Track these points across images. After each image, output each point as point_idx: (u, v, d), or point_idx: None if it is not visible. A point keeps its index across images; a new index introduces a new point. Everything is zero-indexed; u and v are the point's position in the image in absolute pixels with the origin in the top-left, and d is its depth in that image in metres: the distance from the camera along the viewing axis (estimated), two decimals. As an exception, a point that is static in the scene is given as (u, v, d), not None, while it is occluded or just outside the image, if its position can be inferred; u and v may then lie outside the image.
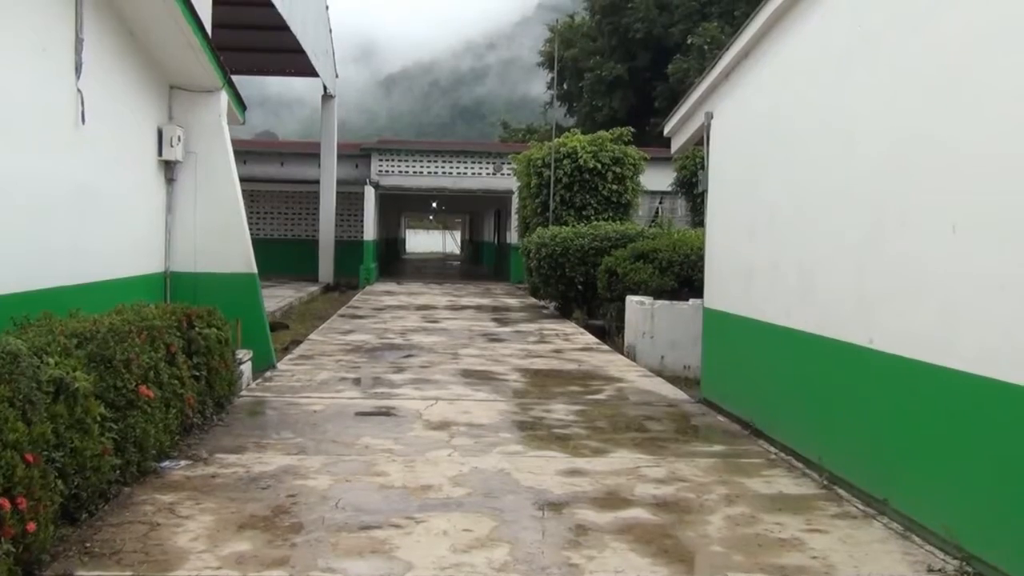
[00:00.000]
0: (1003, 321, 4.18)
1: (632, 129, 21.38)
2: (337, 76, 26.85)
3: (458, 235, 77.47)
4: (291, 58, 22.54)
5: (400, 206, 48.37)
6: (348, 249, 27.93)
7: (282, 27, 18.57)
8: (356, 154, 28.87)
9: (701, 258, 9.83)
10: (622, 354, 12.06)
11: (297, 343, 12.56)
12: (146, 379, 5.63)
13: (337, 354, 11.55)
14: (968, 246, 4.48)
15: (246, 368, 8.88)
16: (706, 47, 35.54)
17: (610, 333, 14.00)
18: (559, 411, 8.15)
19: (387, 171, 28.50)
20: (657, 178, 24.39)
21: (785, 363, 6.82)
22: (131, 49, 8.37)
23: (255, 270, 9.91)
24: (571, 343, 13.46)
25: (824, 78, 6.27)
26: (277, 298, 18.87)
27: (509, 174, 26.84)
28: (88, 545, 4.39)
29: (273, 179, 28.59)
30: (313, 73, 23.82)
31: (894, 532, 4.93)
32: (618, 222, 18.64)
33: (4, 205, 6.10)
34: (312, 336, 13.50)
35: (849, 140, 5.83)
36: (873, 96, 5.55)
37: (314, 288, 23.17)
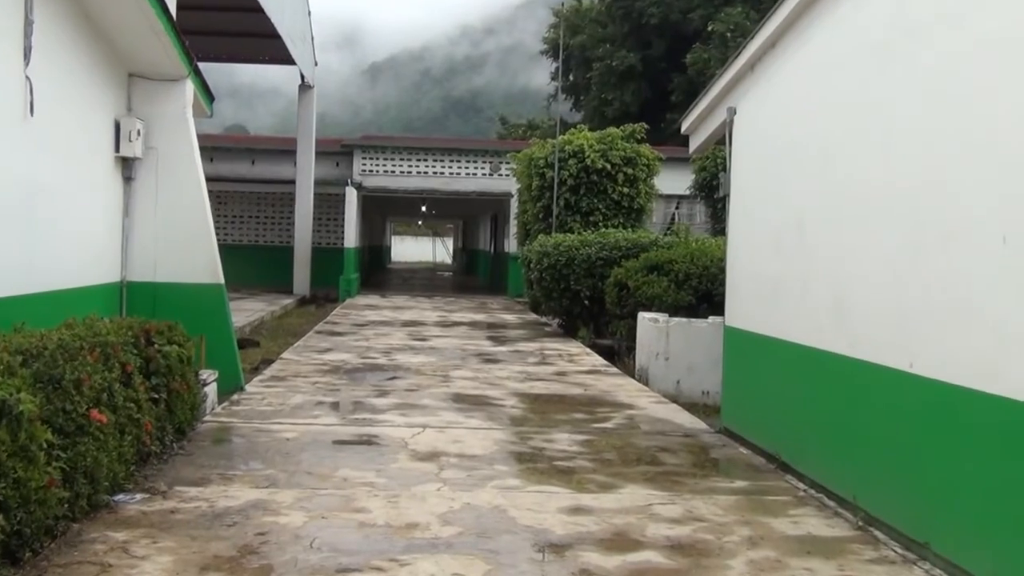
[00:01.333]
0: (1059, 344, 4.19)
1: (646, 126, 21.43)
2: (316, 64, 26.93)
3: (450, 243, 77.49)
4: (265, 43, 22.62)
5: (385, 210, 48.49)
6: (327, 257, 27.96)
7: (255, 8, 18.64)
8: (337, 151, 28.93)
9: (722, 270, 9.85)
10: (633, 377, 12.06)
11: (268, 362, 12.55)
12: (98, 402, 5.63)
13: (313, 375, 11.54)
14: (1021, 259, 4.50)
15: (211, 390, 8.87)
16: (729, 35, 35.73)
17: (620, 354, 14.01)
18: (562, 441, 8.14)
19: (371, 170, 28.56)
20: (673, 180, 24.45)
21: (815, 389, 6.83)
22: (86, 33, 8.41)
23: (222, 280, 9.91)
24: (576, 365, 13.47)
25: (860, 72, 6.30)
26: (247, 312, 18.86)
27: (508, 175, 26.89)
28: (31, 588, 4.38)
29: (243, 178, 28.65)
30: (289, 61, 23.90)
31: (937, 580, 4.93)
32: (629, 229, 18.68)
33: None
34: (285, 355, 13.49)
35: (887, 141, 5.85)
36: (914, 94, 5.57)
37: (288, 301, 23.16)
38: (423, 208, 40.19)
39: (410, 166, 28.76)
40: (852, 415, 6.21)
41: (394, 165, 28.69)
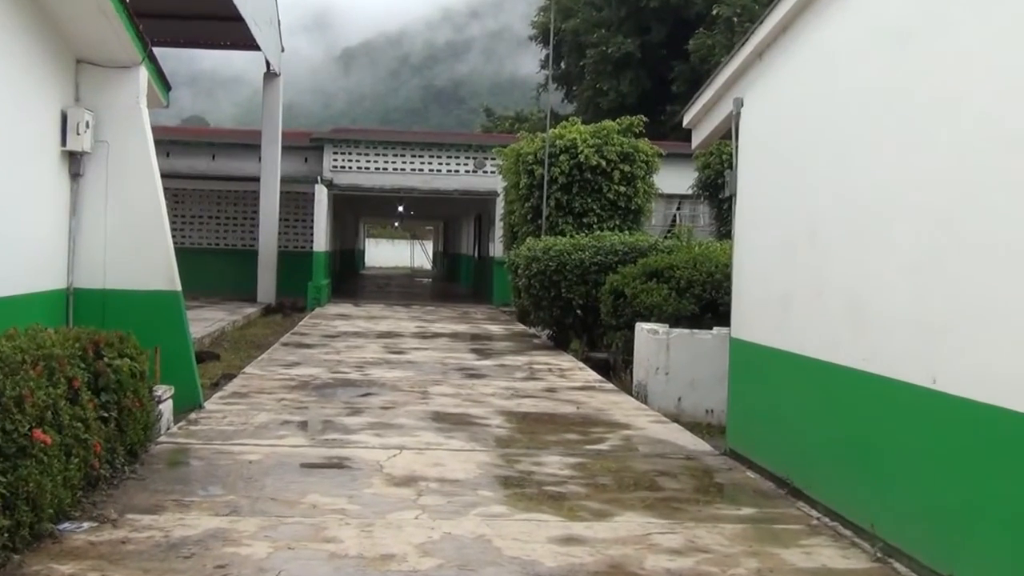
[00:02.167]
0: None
1: (644, 118, 21.51)
2: (283, 50, 26.92)
3: (429, 246, 77.51)
4: (226, 27, 22.58)
5: (359, 210, 48.45)
6: (294, 262, 27.90)
7: (216, -12, 18.63)
8: (305, 146, 28.91)
9: (728, 277, 9.87)
10: (630, 394, 12.08)
11: (230, 377, 12.52)
12: (42, 421, 5.60)
13: (279, 392, 11.52)
14: (1052, 266, 4.52)
15: (166, 408, 8.85)
16: (735, 19, 35.88)
17: (615, 368, 14.02)
18: (552, 464, 8.14)
19: (343, 167, 28.54)
20: (675, 179, 24.51)
21: (830, 407, 6.85)
22: (27, 13, 8.38)
23: (179, 287, 9.89)
24: (567, 380, 13.48)
25: (880, 60, 6.34)
26: (206, 321, 18.81)
27: (493, 172, 26.93)
28: (-34, 627, 4.36)
29: (203, 175, 28.58)
30: (253, 46, 23.87)
31: (962, 616, 4.95)
32: (626, 232, 18.72)
33: None
34: (249, 369, 13.47)
35: (908, 137, 5.88)
36: (941, 84, 5.60)
37: (252, 310, 23.12)
38: (400, 208, 40.25)
39: (386, 162, 28.75)
40: (870, 435, 6.23)
41: (368, 161, 28.68)
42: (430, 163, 28.86)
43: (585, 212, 20.19)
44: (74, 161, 9.46)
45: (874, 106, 6.37)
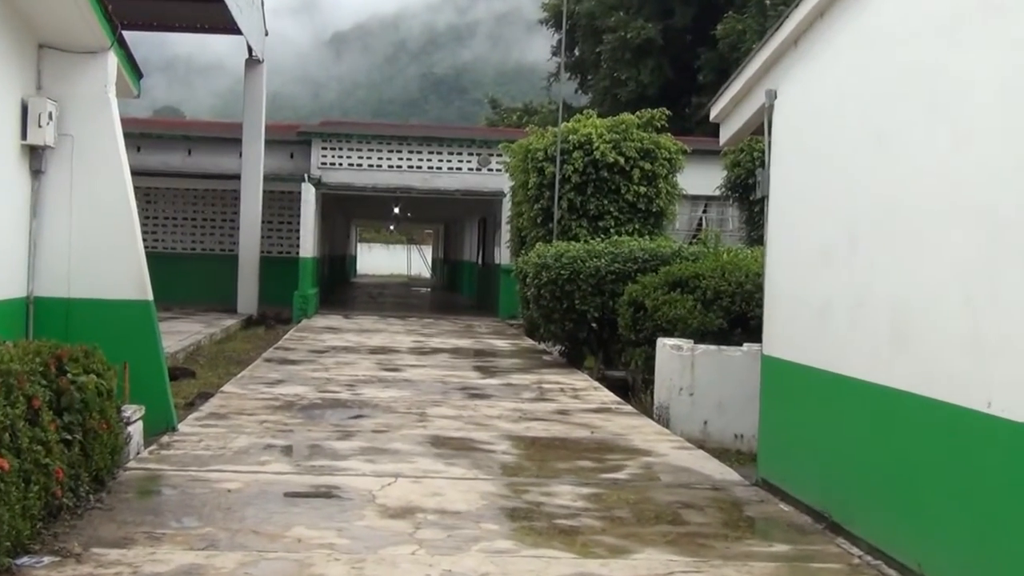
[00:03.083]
0: None
1: (667, 111, 21.51)
2: (267, 34, 27.00)
3: (428, 252, 77.59)
4: (204, 8, 22.70)
5: (350, 212, 48.52)
6: (279, 269, 27.94)
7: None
8: (292, 140, 28.98)
9: (759, 288, 9.87)
10: (651, 417, 12.06)
11: (207, 397, 12.52)
12: (-2, 444, 5.61)
13: (261, 412, 11.53)
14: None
15: (136, 430, 8.85)
16: (768, 2, 35.91)
17: (634, 389, 14.01)
18: (564, 495, 8.14)
19: (333, 163, 28.59)
20: (701, 178, 24.53)
21: (873, 432, 6.84)
22: (-12, -6, 8.42)
23: (150, 296, 9.90)
24: (581, 401, 13.48)
25: (930, 48, 6.33)
26: (180, 335, 18.83)
27: (499, 170, 26.94)
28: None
29: (178, 172, 28.63)
30: (234, 29, 23.93)
31: (1020, 666, 4.93)
32: (647, 237, 18.72)
33: None
34: (227, 387, 13.48)
35: (958, 132, 5.88)
36: (997, 76, 5.60)
37: (231, 322, 23.15)
38: (396, 210, 40.21)
39: (380, 158, 28.79)
40: (917, 465, 6.21)
41: (361, 157, 28.72)
42: (429, 160, 28.88)
43: (601, 215, 20.18)
44: (35, 156, 9.48)
45: (921, 99, 6.36)
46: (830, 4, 7.76)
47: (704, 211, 28.27)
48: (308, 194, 27.26)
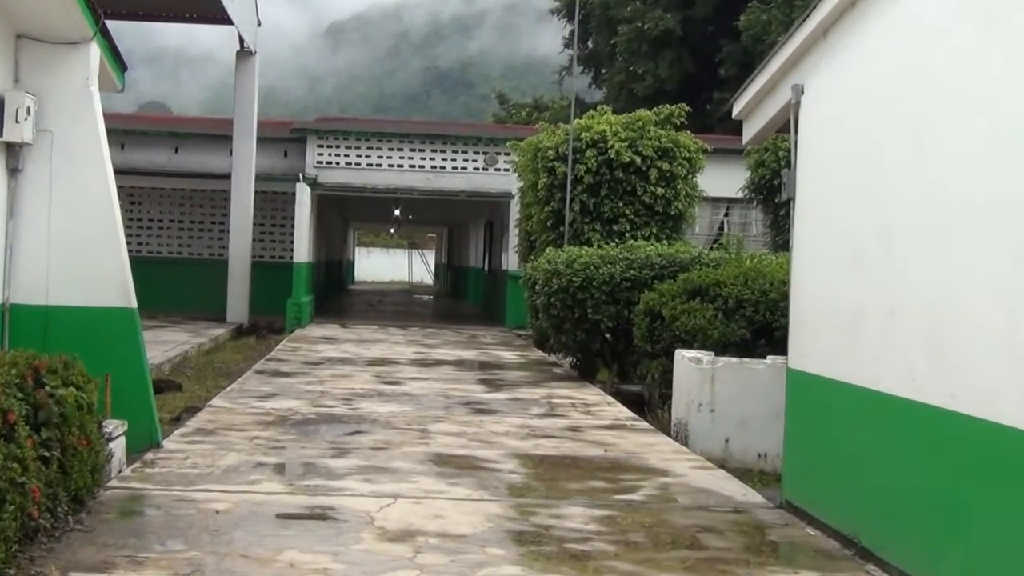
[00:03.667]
0: None
1: (687, 108, 21.51)
2: (260, 24, 27.06)
3: (431, 257, 77.66)
4: (193, -3, 22.73)
5: (348, 214, 48.58)
6: (271, 275, 27.96)
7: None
8: (286, 137, 29.02)
9: (785, 296, 9.85)
10: (668, 435, 12.05)
11: (194, 411, 12.53)
12: (-29, 461, 5.61)
13: (252, 428, 11.53)
14: None
15: (118, 446, 8.85)
16: (795, -9, 35.91)
17: (651, 404, 14.00)
18: (575, 517, 8.12)
19: (330, 162, 28.62)
20: (722, 179, 24.50)
21: (907, 452, 6.81)
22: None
23: (134, 304, 9.91)
24: (593, 417, 13.46)
25: (968, 40, 6.32)
26: (166, 345, 18.84)
27: (507, 170, 26.97)
28: None
29: (164, 171, 28.70)
30: (224, 19, 23.99)
31: None
32: (664, 242, 18.69)
33: None
34: (216, 401, 13.48)
35: (997, 128, 5.87)
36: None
37: (220, 331, 23.18)
38: (397, 212, 40.27)
39: (380, 157, 28.81)
40: (955, 486, 6.19)
41: (360, 156, 28.74)
42: (432, 159, 28.90)
43: (616, 218, 20.17)
44: (12, 154, 9.50)
45: (959, 95, 6.35)
46: (862, -8, 7.76)
47: (726, 214, 28.26)
48: (303, 195, 27.32)
